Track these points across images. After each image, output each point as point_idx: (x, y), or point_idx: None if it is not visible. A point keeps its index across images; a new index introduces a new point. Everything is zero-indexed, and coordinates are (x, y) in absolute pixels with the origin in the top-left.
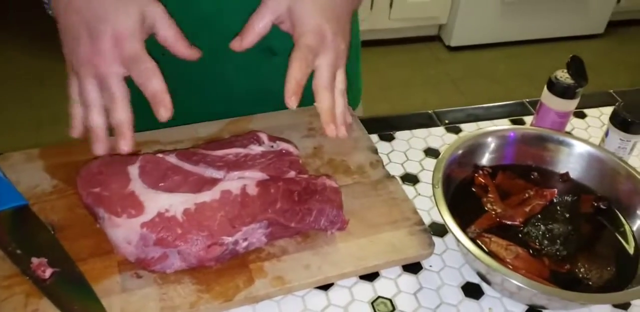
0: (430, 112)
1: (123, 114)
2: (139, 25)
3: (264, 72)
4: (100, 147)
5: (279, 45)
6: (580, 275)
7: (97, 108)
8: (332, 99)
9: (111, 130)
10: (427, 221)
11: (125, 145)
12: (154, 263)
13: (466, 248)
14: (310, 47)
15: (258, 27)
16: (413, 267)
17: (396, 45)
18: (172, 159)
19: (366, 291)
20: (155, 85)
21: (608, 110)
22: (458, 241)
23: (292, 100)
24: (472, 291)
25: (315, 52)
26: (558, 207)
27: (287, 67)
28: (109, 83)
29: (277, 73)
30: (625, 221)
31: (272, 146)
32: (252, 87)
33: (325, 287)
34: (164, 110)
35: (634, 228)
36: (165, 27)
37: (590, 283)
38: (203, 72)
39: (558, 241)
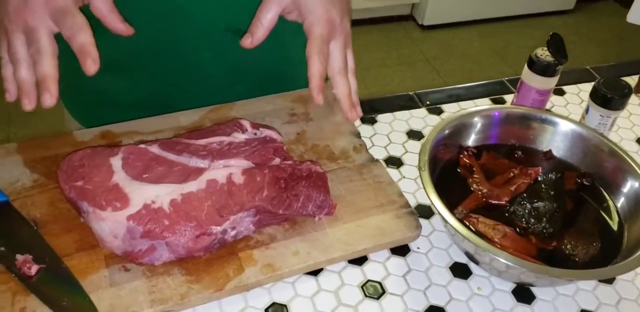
0: (411, 93)
1: (48, 68)
2: None
3: (237, 53)
4: (28, 103)
5: (247, 26)
6: (567, 252)
7: (25, 63)
8: (348, 84)
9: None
10: (412, 203)
11: (48, 99)
12: (142, 256)
13: (455, 229)
14: (323, 37)
15: (266, 20)
16: (401, 250)
17: (369, 26)
18: (154, 149)
19: (356, 275)
20: (83, 38)
21: (586, 86)
22: (446, 222)
23: (319, 97)
24: (460, 271)
25: (328, 40)
26: (543, 185)
27: (263, 46)
28: (36, 36)
29: (250, 53)
30: (609, 196)
31: (255, 133)
32: (227, 69)
33: (315, 273)
34: (91, 61)
35: (618, 204)
36: None
37: (576, 259)
38: (179, 59)
39: (544, 218)
